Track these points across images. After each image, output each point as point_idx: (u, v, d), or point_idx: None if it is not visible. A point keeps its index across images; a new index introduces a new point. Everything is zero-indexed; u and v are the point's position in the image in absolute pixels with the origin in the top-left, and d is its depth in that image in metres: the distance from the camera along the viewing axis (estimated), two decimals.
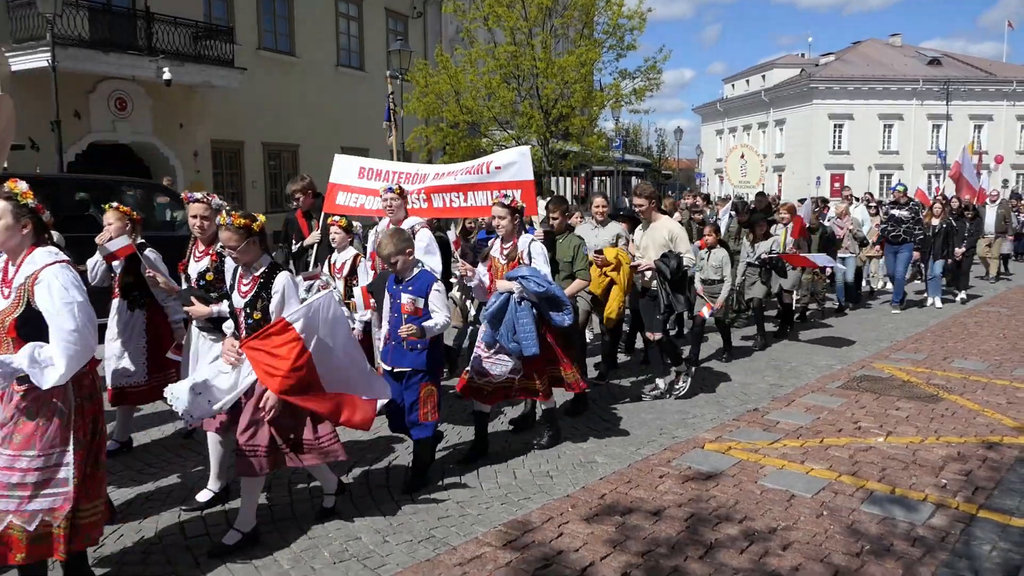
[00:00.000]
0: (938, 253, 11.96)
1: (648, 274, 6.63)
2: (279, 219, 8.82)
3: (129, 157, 18.64)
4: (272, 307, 3.93)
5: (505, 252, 5.41)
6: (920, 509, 4.42)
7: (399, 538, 4.09)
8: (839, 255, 11.42)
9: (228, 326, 4.25)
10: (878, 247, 12.61)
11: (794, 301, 10.32)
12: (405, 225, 5.71)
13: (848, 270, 11.78)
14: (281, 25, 22.21)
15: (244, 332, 4.00)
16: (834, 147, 53.81)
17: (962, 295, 12.86)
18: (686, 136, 61.44)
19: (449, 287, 7.31)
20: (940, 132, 50.72)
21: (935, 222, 12.07)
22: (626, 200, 29.57)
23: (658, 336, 6.73)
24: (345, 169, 7.03)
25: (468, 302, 7.69)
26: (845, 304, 11.79)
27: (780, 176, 56.17)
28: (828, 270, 10.96)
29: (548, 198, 7.18)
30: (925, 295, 12.51)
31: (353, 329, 5.42)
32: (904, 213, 11.67)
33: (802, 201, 14.17)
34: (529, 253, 5.30)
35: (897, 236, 11.66)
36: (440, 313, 4.61)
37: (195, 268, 4.98)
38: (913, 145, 52.42)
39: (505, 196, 5.39)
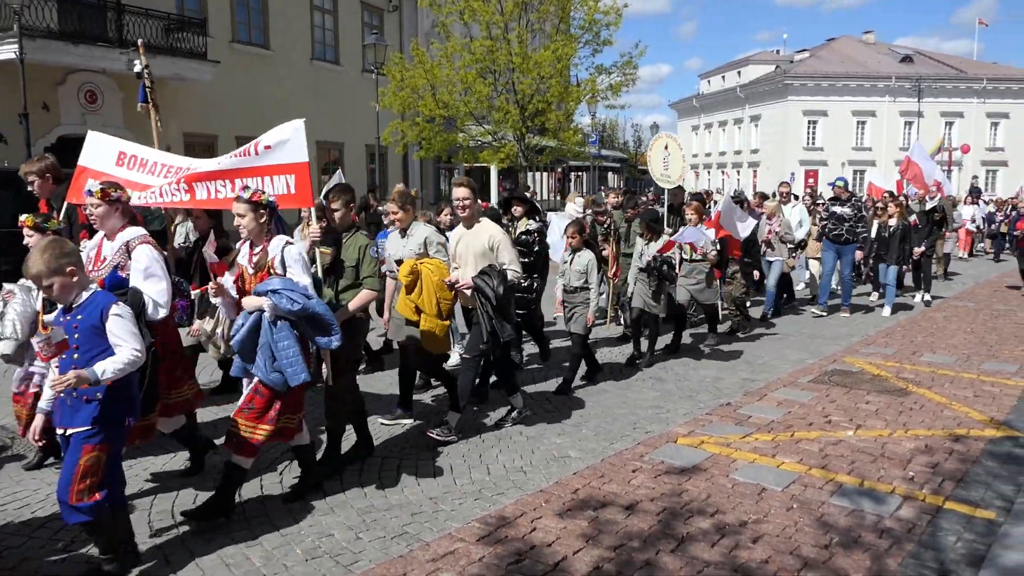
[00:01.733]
0: (893, 256, 11.16)
1: (468, 292, 5.59)
2: None
3: None
4: None
5: (254, 260, 4.36)
6: (888, 501, 4.49)
7: (372, 534, 4.08)
8: (767, 259, 10.57)
9: None
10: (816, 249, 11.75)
11: (719, 311, 9.38)
12: (121, 238, 4.49)
13: (771, 275, 10.62)
14: (255, 17, 21.98)
15: None
16: (808, 143, 54.46)
17: (927, 296, 12.35)
18: (662, 131, 61.67)
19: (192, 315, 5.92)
20: (912, 129, 51.44)
21: (892, 222, 11.31)
22: (603, 194, 29.54)
23: (467, 357, 5.77)
24: (100, 152, 5.70)
25: (220, 330, 5.94)
26: (768, 310, 10.69)
27: (755, 172, 56.72)
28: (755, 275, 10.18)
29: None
30: (872, 299, 12.20)
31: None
32: (847, 211, 10.69)
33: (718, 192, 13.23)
34: (283, 260, 4.28)
35: (840, 235, 10.70)
36: (125, 347, 3.41)
37: None
38: (886, 142, 53.14)
39: (245, 188, 4.38)
